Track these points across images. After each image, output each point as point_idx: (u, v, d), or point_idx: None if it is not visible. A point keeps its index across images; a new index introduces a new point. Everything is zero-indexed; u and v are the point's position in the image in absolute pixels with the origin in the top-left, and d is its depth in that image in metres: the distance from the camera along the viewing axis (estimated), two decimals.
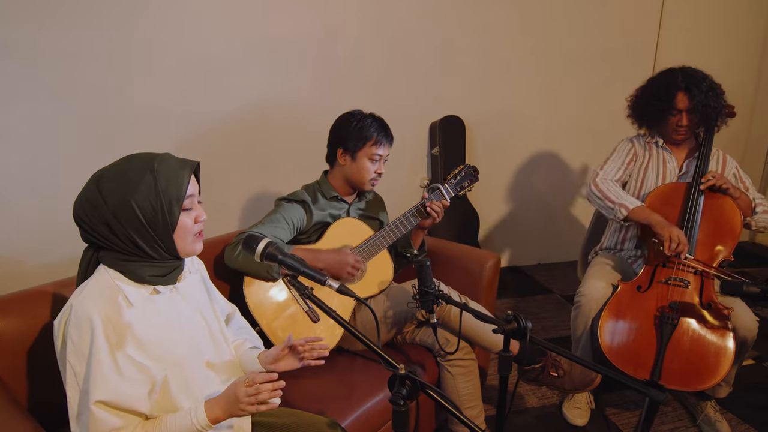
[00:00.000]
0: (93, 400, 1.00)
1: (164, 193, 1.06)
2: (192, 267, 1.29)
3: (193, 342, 1.19)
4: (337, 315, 1.08)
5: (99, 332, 1.01)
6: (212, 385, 1.21)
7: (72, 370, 1.02)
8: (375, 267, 1.89)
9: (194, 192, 1.13)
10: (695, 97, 2.01)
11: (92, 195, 1.06)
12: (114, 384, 1.02)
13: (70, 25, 2.24)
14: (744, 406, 2.21)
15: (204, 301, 1.29)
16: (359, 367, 1.76)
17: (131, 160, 1.09)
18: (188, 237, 1.12)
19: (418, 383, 1.02)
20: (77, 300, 1.04)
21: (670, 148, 2.19)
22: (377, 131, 1.85)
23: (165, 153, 1.13)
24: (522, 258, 3.82)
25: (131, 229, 1.05)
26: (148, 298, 1.12)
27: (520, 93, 3.45)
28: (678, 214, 2.01)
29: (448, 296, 1.50)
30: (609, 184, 2.12)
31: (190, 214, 1.12)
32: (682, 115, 2.07)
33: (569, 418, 2.11)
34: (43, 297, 1.42)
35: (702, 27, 3.75)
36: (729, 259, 1.95)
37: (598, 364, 1.27)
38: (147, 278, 1.11)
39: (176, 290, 1.19)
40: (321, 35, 2.80)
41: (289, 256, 1.14)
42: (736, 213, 1.97)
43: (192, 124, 2.58)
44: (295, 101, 2.81)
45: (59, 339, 1.05)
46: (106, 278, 1.08)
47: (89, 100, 2.33)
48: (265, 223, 1.75)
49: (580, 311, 2.04)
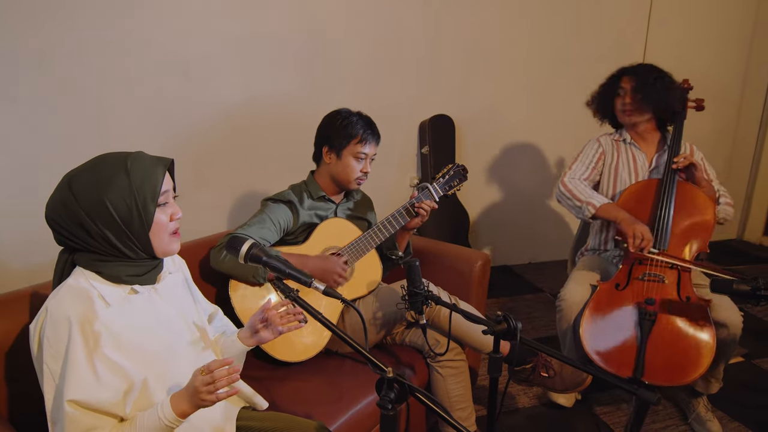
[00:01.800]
0: (66, 398, 0.97)
1: (138, 191, 1.04)
2: (173, 267, 1.26)
3: (172, 342, 1.17)
4: (323, 317, 1.06)
5: (76, 332, 0.99)
6: None
7: (49, 370, 1.00)
8: (363, 267, 1.86)
9: (169, 188, 1.11)
10: (640, 77, 2.10)
11: (65, 196, 1.04)
12: (89, 385, 0.99)
13: (52, 25, 2.19)
14: (733, 404, 2.21)
15: (185, 301, 1.27)
16: (348, 370, 1.73)
17: (104, 159, 1.07)
18: (164, 235, 1.10)
19: (407, 386, 0.99)
20: (53, 302, 1.02)
21: (639, 144, 2.21)
22: (362, 129, 1.83)
23: (137, 151, 1.11)
24: (512, 257, 3.81)
25: (106, 228, 1.03)
26: (126, 298, 1.10)
27: (510, 92, 3.44)
28: (651, 210, 2.01)
29: (437, 297, 1.48)
30: (577, 183, 2.14)
31: (165, 210, 1.09)
32: (627, 95, 2.14)
33: (553, 398, 2.16)
34: (20, 301, 1.37)
35: (690, 27, 3.77)
36: (705, 251, 1.96)
37: (586, 365, 1.25)
38: (124, 278, 1.08)
39: (155, 290, 1.17)
40: (308, 34, 2.77)
41: (274, 258, 1.11)
42: (709, 205, 1.98)
43: (177, 123, 2.54)
44: (282, 100, 2.78)
45: (35, 342, 1.03)
46: (82, 280, 1.06)
47: (69, 100, 2.28)
48: (251, 224, 1.72)
49: (562, 315, 2.04)
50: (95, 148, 2.44)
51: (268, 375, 1.66)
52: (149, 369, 1.09)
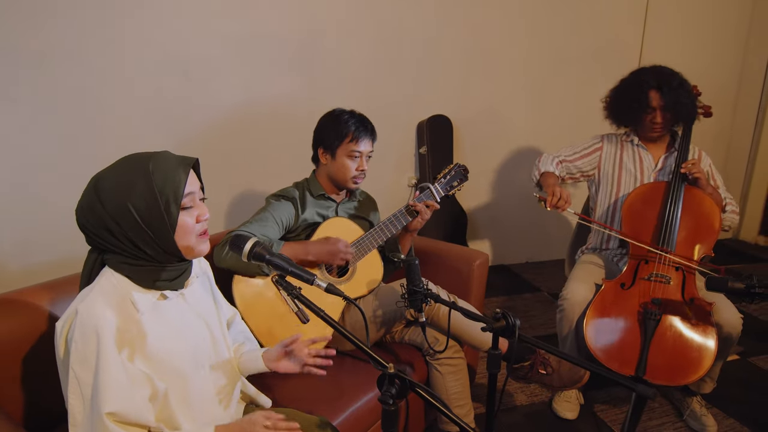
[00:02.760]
0: (105, 411, 0.96)
1: (161, 194, 1.02)
2: (199, 270, 1.26)
3: (195, 351, 1.16)
4: (325, 314, 1.08)
5: (107, 340, 0.98)
6: (208, 390, 1.20)
7: (75, 377, 0.98)
8: (364, 267, 1.88)
9: (194, 190, 1.08)
10: (666, 94, 2.06)
11: (91, 200, 1.03)
12: (124, 394, 0.99)
13: (51, 25, 2.20)
14: (729, 401, 2.24)
15: (209, 306, 1.26)
16: (349, 367, 1.75)
17: (127, 161, 1.06)
18: (190, 237, 1.08)
19: (408, 382, 1.01)
20: (83, 305, 1.00)
21: (646, 144, 2.23)
22: (354, 127, 1.83)
23: (162, 151, 1.09)
24: (510, 257, 3.84)
25: (131, 232, 1.02)
26: (155, 304, 1.09)
27: (508, 92, 3.47)
28: (658, 212, 2.03)
29: (436, 295, 1.50)
30: (548, 158, 2.29)
31: (191, 212, 1.07)
32: (656, 113, 2.11)
33: (559, 412, 2.13)
34: (27, 300, 1.38)
35: (686, 28, 3.80)
36: (710, 254, 1.98)
37: (586, 361, 1.27)
38: (155, 283, 1.08)
39: (182, 296, 1.16)
40: (307, 34, 2.79)
41: (277, 256, 1.13)
42: (715, 209, 2.01)
43: (177, 123, 2.56)
44: (281, 101, 2.80)
45: (62, 344, 1.01)
46: (113, 282, 1.05)
47: (69, 100, 2.30)
48: (254, 221, 1.74)
49: (564, 314, 2.06)
50: (95, 148, 2.47)
51: (271, 373, 1.67)
52: (171, 379, 1.08)
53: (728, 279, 1.59)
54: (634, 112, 2.15)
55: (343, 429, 1.48)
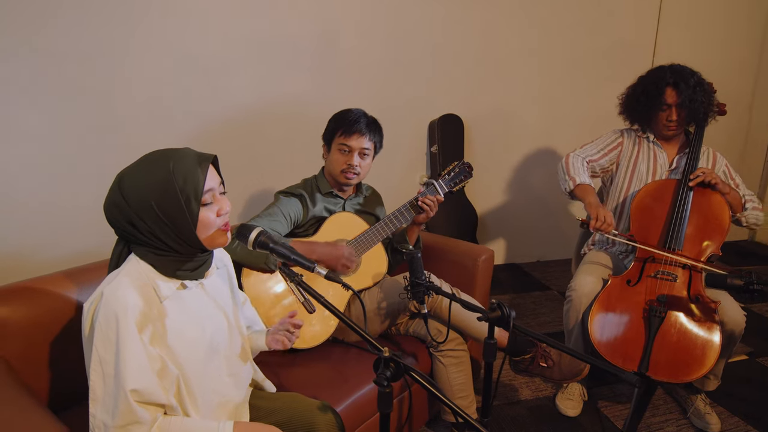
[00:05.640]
0: (129, 388, 1.02)
1: (182, 192, 1.07)
2: (220, 262, 1.32)
3: (212, 338, 1.22)
4: (325, 300, 1.13)
5: (130, 322, 1.04)
6: (222, 374, 1.25)
7: (97, 354, 1.04)
8: (369, 260, 1.94)
9: (214, 186, 1.13)
10: (683, 92, 2.07)
11: (116, 198, 1.09)
12: (145, 373, 1.05)
13: (70, 24, 2.29)
14: (735, 400, 2.24)
15: (227, 297, 1.32)
16: (353, 357, 1.81)
17: (149, 160, 1.11)
18: (211, 231, 1.13)
19: (402, 366, 1.07)
20: (109, 288, 1.06)
21: (661, 143, 2.23)
22: (349, 122, 1.87)
23: (183, 148, 1.14)
24: (520, 255, 3.86)
25: (155, 227, 1.08)
26: (176, 293, 1.15)
27: (519, 92, 3.49)
28: (667, 210, 2.05)
29: (437, 287, 1.54)
30: (578, 160, 2.23)
31: (211, 208, 1.12)
32: (672, 110, 2.12)
33: (562, 409, 2.15)
34: (50, 285, 1.46)
35: (700, 26, 3.78)
36: (717, 253, 1.99)
37: (584, 354, 1.31)
38: (176, 272, 1.14)
39: (202, 286, 1.22)
40: (320, 34, 2.85)
41: (280, 244, 1.19)
42: (725, 209, 2.01)
43: (191, 122, 2.64)
44: (294, 99, 2.86)
45: (88, 322, 1.07)
46: (138, 269, 1.11)
47: (89, 100, 2.39)
48: (263, 216, 1.81)
49: (571, 305, 2.08)
50: (113, 147, 2.54)
51: (277, 361, 1.74)
52: (185, 366, 1.14)
53: (727, 276, 1.62)
54: (649, 109, 2.16)
55: (346, 415, 1.53)
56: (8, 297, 1.39)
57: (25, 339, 1.38)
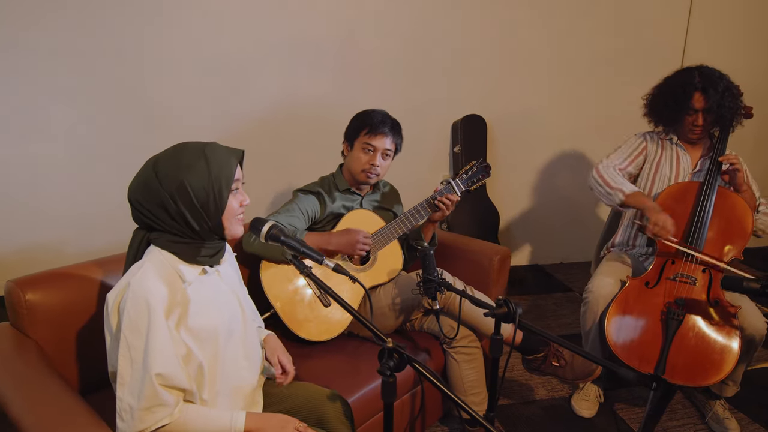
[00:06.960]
0: (154, 372, 1.07)
1: (216, 178, 1.15)
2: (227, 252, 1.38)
3: (230, 321, 1.28)
4: (332, 291, 1.18)
5: (158, 309, 1.10)
6: (238, 359, 1.30)
7: (126, 342, 1.09)
8: (385, 256, 1.97)
9: (240, 177, 1.22)
10: (711, 97, 2.02)
11: (149, 177, 1.15)
12: (170, 358, 1.11)
13: (96, 25, 2.40)
14: (756, 406, 2.19)
15: (237, 282, 1.40)
16: (366, 351, 1.85)
17: (184, 146, 1.18)
18: (233, 219, 1.21)
19: (405, 356, 1.10)
20: (135, 278, 1.11)
21: (685, 146, 2.20)
22: (374, 122, 1.92)
23: (212, 142, 1.21)
24: (543, 257, 3.83)
25: (186, 209, 1.14)
26: (198, 278, 1.22)
27: (543, 92, 3.47)
28: (689, 212, 2.02)
29: (449, 283, 1.57)
30: (610, 170, 2.16)
31: (236, 196, 1.21)
32: (698, 115, 2.08)
33: (577, 410, 2.15)
34: (82, 273, 1.54)
35: (732, 26, 3.67)
36: (739, 258, 1.96)
37: (591, 354, 1.32)
38: (195, 258, 1.20)
39: (218, 272, 1.29)
40: (342, 36, 2.90)
41: (291, 238, 1.24)
42: (748, 213, 1.98)
43: (217, 122, 2.73)
44: (316, 101, 2.91)
45: (114, 313, 1.12)
46: (161, 259, 1.17)
47: (118, 100, 2.51)
48: (282, 212, 1.87)
49: (588, 307, 2.08)
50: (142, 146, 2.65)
51: (293, 352, 1.78)
52: (208, 346, 1.20)
53: (744, 278, 1.59)
54: (676, 113, 2.13)
55: (355, 407, 1.56)
56: (40, 283, 1.47)
57: (56, 324, 1.46)
